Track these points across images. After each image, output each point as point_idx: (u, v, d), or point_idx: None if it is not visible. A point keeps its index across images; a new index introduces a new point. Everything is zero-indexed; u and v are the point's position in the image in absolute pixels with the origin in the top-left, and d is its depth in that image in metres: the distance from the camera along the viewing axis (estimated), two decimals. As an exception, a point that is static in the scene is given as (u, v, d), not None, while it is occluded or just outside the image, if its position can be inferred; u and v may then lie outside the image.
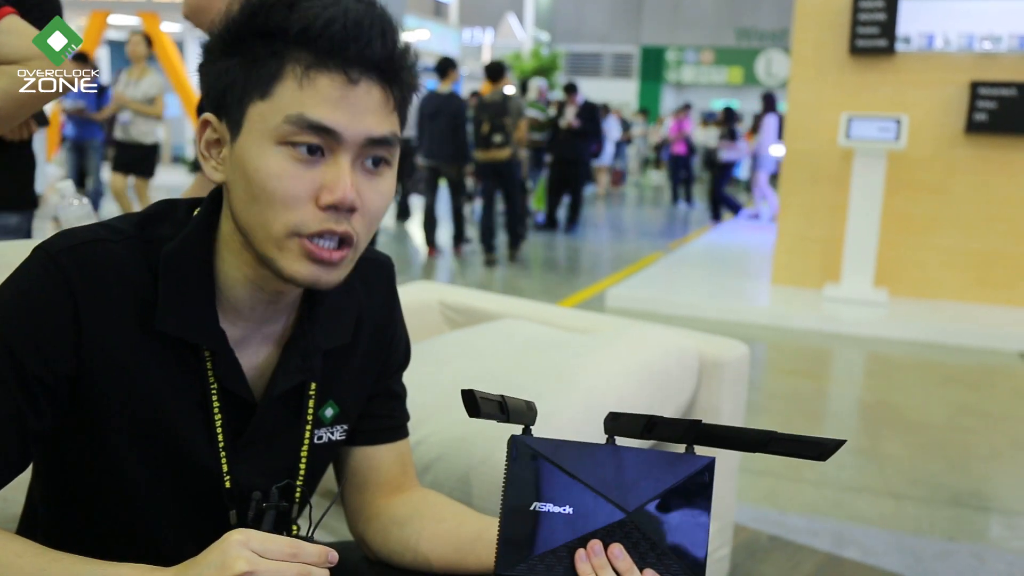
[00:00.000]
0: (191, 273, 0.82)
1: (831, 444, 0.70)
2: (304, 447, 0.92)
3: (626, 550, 0.76)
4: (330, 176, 0.76)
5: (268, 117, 0.76)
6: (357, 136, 0.77)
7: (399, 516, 0.97)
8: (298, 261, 0.78)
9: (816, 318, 5.38)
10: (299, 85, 0.75)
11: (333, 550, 0.72)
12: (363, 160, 0.79)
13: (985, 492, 2.94)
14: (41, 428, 0.79)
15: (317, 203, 0.76)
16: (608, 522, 0.77)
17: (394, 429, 1.02)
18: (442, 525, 0.95)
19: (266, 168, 0.76)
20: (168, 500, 0.86)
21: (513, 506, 0.75)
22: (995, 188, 5.62)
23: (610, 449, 0.78)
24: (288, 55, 0.76)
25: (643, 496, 0.77)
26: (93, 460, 0.83)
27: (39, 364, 0.77)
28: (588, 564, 0.75)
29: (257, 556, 0.69)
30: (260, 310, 0.86)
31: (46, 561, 0.74)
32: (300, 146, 0.76)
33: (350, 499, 1.02)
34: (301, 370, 0.89)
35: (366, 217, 0.80)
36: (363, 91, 0.77)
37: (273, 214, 0.77)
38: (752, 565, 2.25)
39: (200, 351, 0.84)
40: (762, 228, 9.69)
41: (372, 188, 0.80)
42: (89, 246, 0.80)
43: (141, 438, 0.83)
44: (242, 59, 0.77)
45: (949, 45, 5.61)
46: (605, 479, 0.77)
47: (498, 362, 1.57)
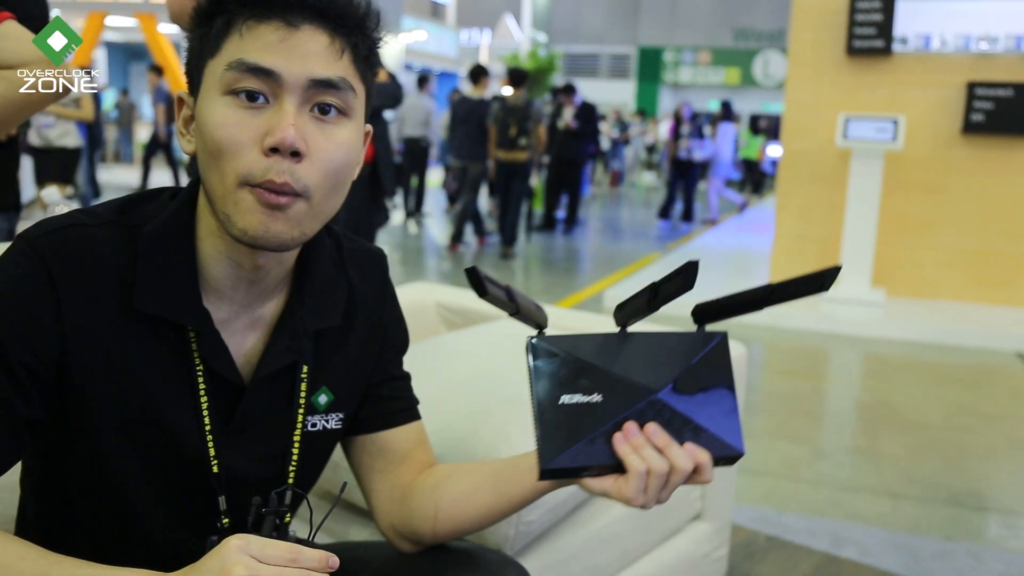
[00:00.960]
0: (172, 252, 0.82)
1: (830, 272, 0.72)
2: (296, 432, 0.91)
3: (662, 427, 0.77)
4: (273, 120, 0.76)
5: (216, 71, 0.78)
6: (298, 78, 0.77)
7: (426, 486, 0.97)
8: (247, 212, 0.77)
9: (814, 318, 5.39)
10: (241, 36, 0.77)
11: (334, 555, 0.72)
12: (311, 107, 0.79)
13: (983, 492, 2.94)
14: (31, 415, 0.79)
15: (262, 149, 0.76)
16: (638, 404, 0.77)
17: (408, 410, 1.02)
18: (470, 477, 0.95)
19: (214, 119, 0.77)
20: (157, 485, 0.85)
21: (543, 403, 0.75)
22: (992, 188, 5.64)
23: (625, 336, 0.79)
24: (234, 13, 0.78)
25: (667, 376, 0.78)
26: (81, 446, 0.83)
27: (24, 350, 0.77)
28: (627, 444, 0.76)
29: (256, 561, 0.68)
30: (243, 290, 0.86)
31: (48, 564, 0.73)
32: (241, 93, 0.77)
33: (375, 487, 1.01)
34: (290, 350, 0.89)
35: (318, 167, 0.78)
36: (306, 36, 0.77)
37: (224, 165, 0.77)
38: (750, 565, 2.25)
39: (184, 331, 0.83)
40: (761, 228, 9.70)
41: (324, 135, 0.79)
42: (67, 231, 0.80)
43: (128, 423, 0.82)
44: (199, 29, 0.80)
45: (946, 46, 5.62)
46: (627, 364, 0.78)
47: (496, 363, 1.57)
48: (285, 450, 0.91)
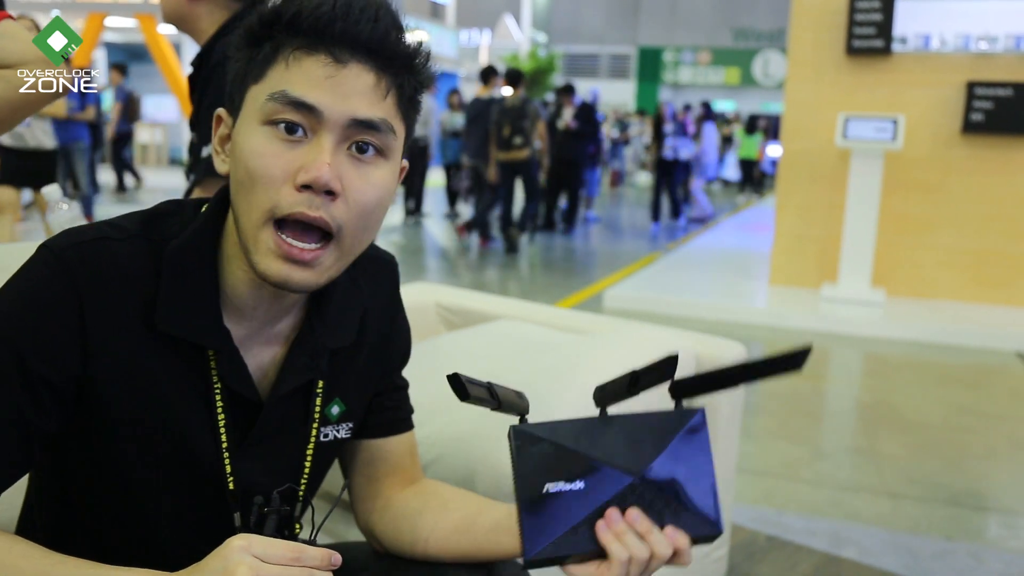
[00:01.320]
0: (195, 271, 0.82)
1: (801, 353, 0.73)
2: (310, 446, 0.92)
3: (642, 511, 0.78)
4: (310, 156, 0.75)
5: (258, 98, 0.77)
6: (340, 116, 0.76)
7: (409, 509, 0.97)
8: (268, 257, 0.77)
9: (814, 318, 5.39)
10: (287, 66, 0.76)
11: (336, 553, 0.72)
12: (349, 145, 0.78)
13: (983, 492, 2.94)
14: (46, 428, 0.78)
15: (294, 184, 0.75)
16: (620, 489, 0.78)
17: (403, 420, 1.02)
18: (454, 515, 0.95)
19: (250, 147, 0.76)
20: (173, 501, 0.85)
21: (527, 492, 0.76)
22: (992, 188, 5.63)
23: (605, 420, 0.80)
24: (283, 41, 0.77)
25: (646, 458, 0.79)
26: (97, 460, 0.83)
27: (44, 363, 0.76)
28: (610, 532, 0.77)
29: (259, 561, 0.68)
30: (264, 309, 0.85)
31: (51, 564, 0.73)
32: (280, 124, 0.76)
33: (360, 491, 1.02)
34: (309, 369, 0.89)
35: (352, 207, 0.77)
36: (352, 73, 0.76)
37: (254, 196, 0.76)
38: (750, 565, 2.25)
39: (204, 350, 0.83)
40: (761, 228, 9.70)
41: (359, 175, 0.78)
42: (94, 244, 0.79)
43: (146, 438, 0.82)
44: (248, 51, 0.79)
45: (945, 45, 5.62)
46: (608, 449, 0.79)
47: (495, 363, 1.57)
48: (299, 462, 0.91)
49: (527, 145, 7.70)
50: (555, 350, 1.63)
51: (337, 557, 0.72)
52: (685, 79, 24.37)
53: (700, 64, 24.16)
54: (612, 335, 1.71)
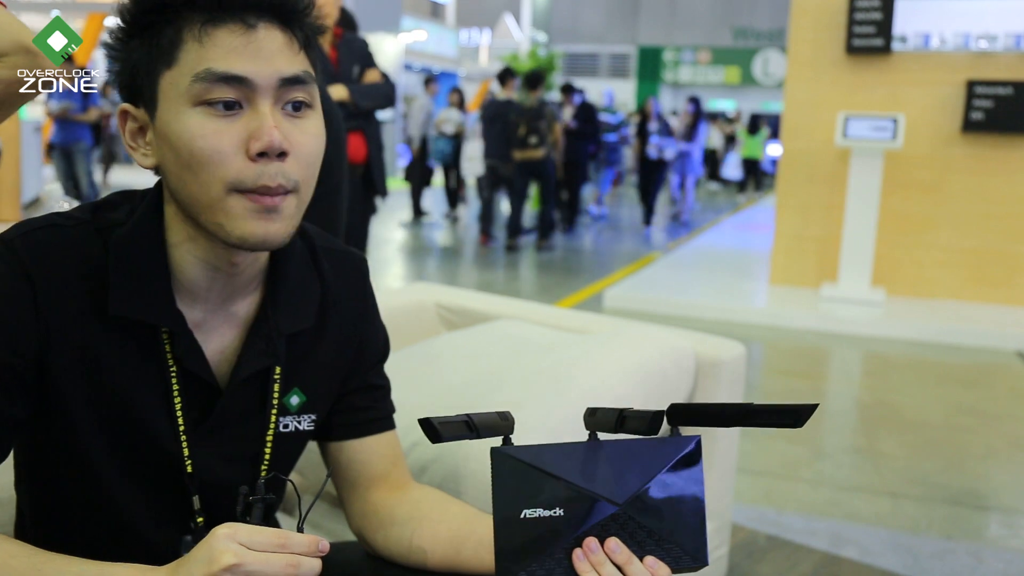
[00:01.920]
0: (143, 257, 0.83)
1: (805, 409, 0.70)
2: (269, 435, 0.92)
3: (624, 541, 0.76)
4: (253, 124, 0.76)
5: (178, 82, 0.77)
6: (269, 79, 0.77)
7: (396, 516, 0.97)
8: (243, 218, 0.78)
9: (813, 318, 5.39)
10: (199, 43, 0.76)
11: (324, 539, 0.72)
12: (283, 105, 0.79)
13: (983, 491, 2.94)
14: (15, 415, 0.79)
15: (247, 154, 0.76)
16: (601, 517, 0.76)
17: (379, 421, 1.01)
18: (441, 527, 0.94)
19: (188, 131, 0.76)
20: (135, 483, 0.86)
21: (504, 517, 0.74)
22: (992, 187, 5.63)
23: (592, 445, 0.77)
24: (182, 20, 0.77)
25: (633, 486, 0.77)
26: (63, 445, 0.84)
27: (5, 351, 0.78)
28: (586, 562, 0.75)
29: (245, 548, 0.69)
30: (217, 290, 0.86)
31: (40, 562, 0.74)
32: (216, 103, 0.76)
33: (345, 495, 1.02)
34: (265, 353, 0.89)
35: (301, 161, 0.79)
36: (263, 35, 0.77)
37: (207, 175, 0.77)
38: (750, 565, 2.25)
39: (158, 333, 0.84)
40: (761, 228, 9.70)
41: (299, 131, 0.80)
42: (43, 231, 0.81)
43: (106, 423, 0.83)
44: (140, 40, 0.79)
45: (945, 44, 5.62)
46: (591, 475, 0.76)
47: (494, 363, 1.57)
48: (258, 451, 0.92)
49: (542, 145, 7.89)
50: (554, 350, 1.63)
51: (324, 543, 0.72)
52: (685, 78, 24.36)
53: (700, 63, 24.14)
54: (612, 335, 1.71)
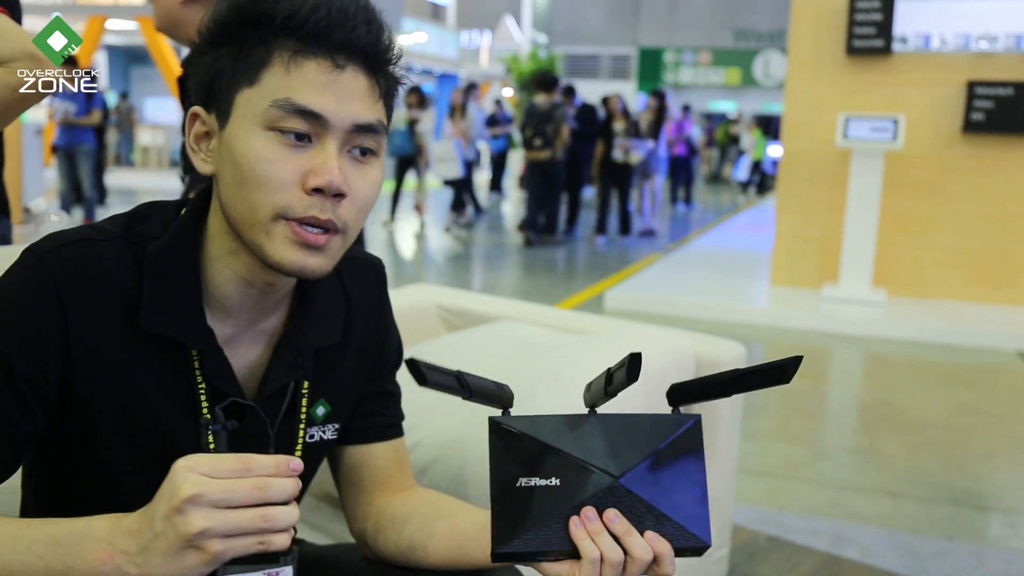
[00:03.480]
0: (177, 271, 0.82)
1: (790, 363, 0.71)
2: (298, 448, 0.92)
3: (622, 514, 0.75)
4: (317, 161, 0.77)
5: (256, 103, 0.77)
6: (344, 121, 0.78)
7: (398, 516, 0.97)
8: (284, 245, 0.78)
9: (814, 318, 5.39)
10: (286, 70, 0.77)
11: (295, 458, 0.70)
12: (350, 148, 0.80)
13: (984, 491, 2.94)
14: (31, 430, 0.79)
15: (304, 188, 0.77)
16: (598, 489, 0.76)
17: (388, 427, 1.02)
18: (442, 523, 0.94)
19: (254, 152, 0.77)
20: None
21: (500, 485, 0.75)
22: (992, 187, 5.64)
23: (591, 417, 0.78)
24: (275, 42, 0.77)
25: (632, 460, 0.77)
26: (85, 456, 0.83)
27: (28, 365, 0.77)
28: (583, 530, 0.74)
29: (206, 478, 0.66)
30: (249, 307, 0.86)
31: (19, 528, 0.73)
32: (288, 133, 0.77)
33: (348, 498, 1.02)
34: (294, 368, 0.89)
35: (354, 205, 0.80)
36: (349, 77, 0.78)
37: (260, 197, 0.77)
38: (751, 566, 2.25)
39: (187, 350, 0.83)
40: (761, 228, 9.70)
41: (360, 176, 0.80)
42: (75, 246, 0.80)
43: (131, 436, 0.82)
44: (229, 49, 0.79)
45: (946, 45, 5.62)
46: (590, 447, 0.77)
47: (495, 364, 1.58)
48: None
49: (547, 147, 8.21)
50: (554, 351, 1.63)
51: (297, 462, 0.69)
52: (686, 80, 24.35)
53: (701, 65, 24.13)
54: (612, 335, 1.71)
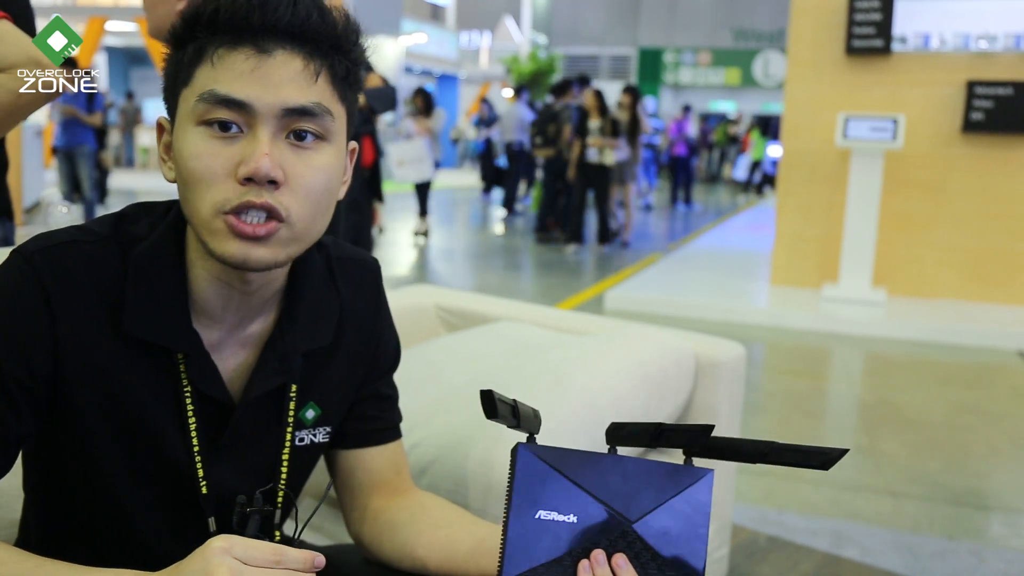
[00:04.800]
0: (161, 275, 0.82)
1: (835, 453, 0.69)
2: (285, 450, 0.91)
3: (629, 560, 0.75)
4: (247, 150, 0.76)
5: (189, 100, 0.77)
6: (271, 107, 0.76)
7: (396, 521, 0.97)
8: (224, 239, 0.76)
9: (814, 318, 5.39)
10: (212, 65, 0.76)
11: (320, 554, 0.71)
12: (287, 134, 0.78)
13: (984, 490, 2.94)
14: (22, 432, 0.79)
15: (237, 179, 0.76)
16: (611, 532, 0.76)
17: (385, 431, 1.01)
18: (440, 532, 0.94)
19: (187, 149, 0.76)
20: (150, 504, 0.86)
21: (517, 514, 0.74)
22: (992, 186, 5.64)
23: (613, 459, 0.78)
24: (205, 40, 0.77)
25: (645, 506, 0.77)
26: (76, 457, 0.83)
27: (17, 366, 0.77)
28: (591, 573, 0.74)
29: (240, 563, 0.67)
30: (233, 309, 0.85)
31: (30, 567, 0.73)
32: (213, 123, 0.76)
33: (346, 501, 1.02)
34: (279, 372, 0.88)
35: (298, 192, 0.77)
36: (279, 62, 0.76)
37: (199, 195, 0.76)
38: (751, 565, 2.25)
39: (173, 353, 0.83)
40: (761, 228, 9.70)
41: (302, 162, 0.78)
42: (63, 247, 0.80)
43: (120, 441, 0.82)
44: (173, 55, 0.80)
45: (945, 45, 5.62)
46: (609, 488, 0.77)
47: (494, 365, 1.58)
48: (274, 466, 0.91)
49: (547, 145, 8.77)
50: (554, 351, 1.63)
51: (320, 559, 0.71)
52: (686, 80, 24.34)
53: (700, 65, 24.12)
54: (612, 336, 1.71)
